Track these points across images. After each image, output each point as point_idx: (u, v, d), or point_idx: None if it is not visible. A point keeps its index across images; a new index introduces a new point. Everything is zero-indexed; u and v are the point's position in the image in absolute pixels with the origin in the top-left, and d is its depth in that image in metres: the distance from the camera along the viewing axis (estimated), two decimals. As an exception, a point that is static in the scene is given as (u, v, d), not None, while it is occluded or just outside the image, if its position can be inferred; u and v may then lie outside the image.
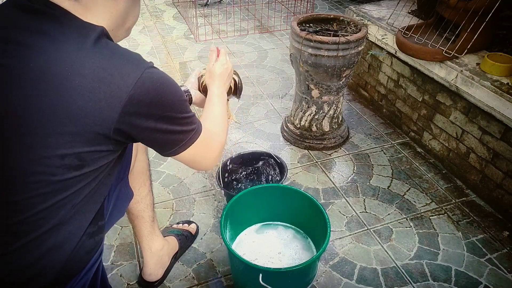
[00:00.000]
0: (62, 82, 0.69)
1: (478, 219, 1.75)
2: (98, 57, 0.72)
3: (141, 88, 0.73)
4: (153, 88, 0.75)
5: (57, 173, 0.73)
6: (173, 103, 0.80)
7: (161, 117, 0.78)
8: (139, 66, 0.74)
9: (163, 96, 0.77)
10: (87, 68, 0.70)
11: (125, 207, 1.16)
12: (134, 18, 0.87)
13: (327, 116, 2.09)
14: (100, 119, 0.71)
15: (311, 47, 1.81)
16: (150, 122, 0.77)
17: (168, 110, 0.78)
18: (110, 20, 0.80)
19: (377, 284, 1.47)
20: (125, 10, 0.82)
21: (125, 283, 1.47)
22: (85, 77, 0.70)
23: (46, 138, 0.70)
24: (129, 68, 0.73)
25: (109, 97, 0.70)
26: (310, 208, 1.41)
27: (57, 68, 0.69)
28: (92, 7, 0.76)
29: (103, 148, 0.76)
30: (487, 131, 1.75)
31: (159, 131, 0.79)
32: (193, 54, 3.18)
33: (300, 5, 4.00)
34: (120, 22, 0.83)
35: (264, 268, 1.23)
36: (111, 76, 0.71)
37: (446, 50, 1.80)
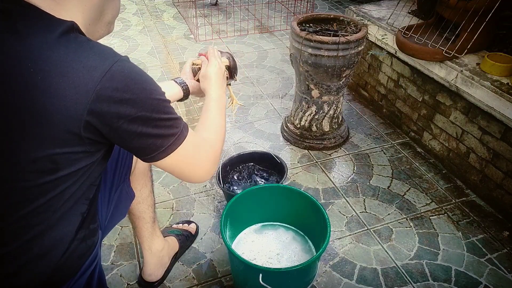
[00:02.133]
0: (26, 80, 0.65)
1: (478, 219, 1.75)
2: (63, 50, 0.66)
3: (110, 82, 0.67)
4: (124, 84, 0.68)
5: (31, 179, 0.69)
6: (149, 101, 0.72)
7: (134, 117, 0.70)
8: (108, 59, 0.68)
9: (136, 93, 0.69)
10: (49, 63, 0.65)
11: (126, 208, 1.16)
12: (113, 11, 0.82)
13: (327, 116, 2.09)
14: (67, 117, 0.66)
15: (311, 47, 1.81)
16: (123, 122, 0.70)
17: (143, 109, 0.71)
18: (84, 13, 0.74)
19: (377, 284, 1.47)
20: (100, 3, 0.77)
21: (125, 283, 1.47)
22: (48, 73, 0.65)
23: (14, 143, 0.67)
24: (96, 61, 0.67)
25: (74, 93, 0.65)
26: (310, 208, 1.41)
27: (20, 66, 0.65)
28: (64, 2, 0.71)
29: (78, 149, 0.71)
30: (487, 131, 1.75)
31: (133, 133, 0.72)
32: (193, 54, 3.18)
33: (300, 5, 4.00)
34: (96, 16, 0.77)
35: (264, 268, 1.23)
36: (76, 70, 0.65)
37: (446, 50, 1.80)
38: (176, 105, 2.51)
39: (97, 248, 0.92)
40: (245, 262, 1.20)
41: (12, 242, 0.74)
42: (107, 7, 0.79)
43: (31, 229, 0.74)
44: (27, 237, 0.75)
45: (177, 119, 0.79)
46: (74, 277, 0.85)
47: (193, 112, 2.46)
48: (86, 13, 0.75)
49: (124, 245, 1.62)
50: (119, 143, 0.75)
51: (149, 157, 0.78)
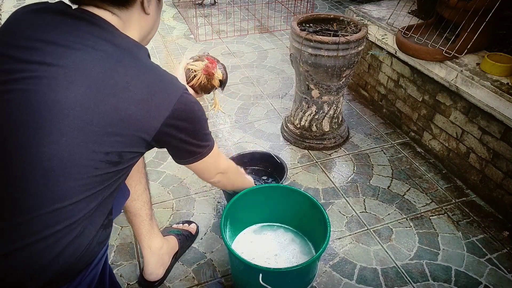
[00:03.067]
0: (122, 91, 0.78)
1: (478, 219, 1.75)
2: (152, 75, 0.83)
3: (180, 105, 0.84)
4: (189, 107, 0.87)
5: (100, 167, 0.79)
6: (201, 121, 0.93)
7: (191, 131, 0.91)
8: (178, 87, 0.86)
9: (195, 115, 0.90)
10: (143, 82, 0.80)
11: (121, 205, 1.18)
12: (155, 31, 0.97)
13: (327, 116, 2.09)
14: (146, 126, 0.81)
15: (311, 47, 1.81)
16: (183, 134, 0.89)
17: (197, 126, 0.92)
18: (140, 33, 0.90)
19: (377, 284, 1.47)
20: (152, 25, 0.93)
21: (125, 283, 1.47)
22: (141, 90, 0.79)
23: (99, 136, 0.77)
24: (173, 88, 0.85)
25: (156, 109, 0.81)
26: (310, 208, 1.41)
27: (119, 77, 0.78)
28: (129, 23, 0.87)
29: (140, 150, 0.85)
30: (487, 131, 1.75)
31: (186, 142, 0.92)
32: (193, 54, 3.17)
33: (300, 5, 4.00)
34: (146, 34, 0.93)
35: (264, 268, 1.22)
36: (161, 93, 0.82)
37: (446, 50, 1.80)
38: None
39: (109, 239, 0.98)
40: (245, 262, 1.20)
41: (64, 221, 0.79)
42: (154, 27, 0.95)
43: (80, 212, 0.81)
44: (75, 218, 0.80)
45: (210, 134, 1.01)
46: (90, 265, 0.89)
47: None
48: (142, 32, 0.91)
49: (124, 245, 1.62)
50: (171, 148, 0.94)
51: (188, 160, 1.00)
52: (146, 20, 0.90)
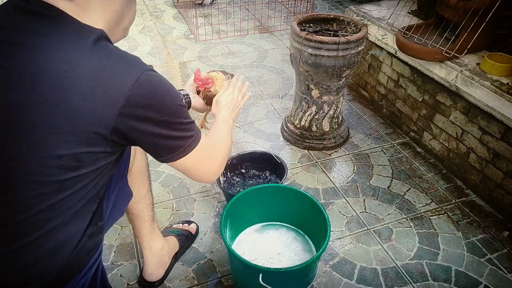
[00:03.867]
0: (61, 81, 0.69)
1: (478, 219, 1.75)
2: (97, 58, 0.72)
3: (139, 89, 0.72)
4: (151, 91, 0.74)
5: (54, 174, 0.73)
6: (172, 107, 0.79)
7: (159, 121, 0.77)
8: (138, 68, 0.74)
9: (162, 100, 0.76)
10: (85, 68, 0.70)
11: (124, 207, 1.17)
12: (130, 18, 0.87)
13: (327, 116, 2.09)
14: (97, 119, 0.71)
15: (311, 47, 1.81)
16: (148, 125, 0.76)
17: (166, 114, 0.78)
18: (105, 20, 0.79)
19: (377, 284, 1.47)
20: (120, 10, 0.81)
21: (125, 283, 1.47)
22: (83, 77, 0.69)
23: (44, 138, 0.70)
24: (128, 69, 0.73)
25: (106, 98, 0.70)
26: (310, 208, 1.41)
27: (56, 67, 0.69)
28: (88, 8, 0.76)
29: (101, 149, 0.75)
30: (487, 131, 1.75)
31: (157, 135, 0.79)
32: (193, 54, 3.18)
33: (300, 5, 4.00)
34: (116, 22, 0.82)
35: (264, 268, 1.22)
36: (109, 77, 0.71)
37: (446, 50, 1.80)
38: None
39: (102, 245, 0.94)
40: (245, 262, 1.20)
41: (31, 234, 0.76)
42: (126, 14, 0.84)
43: (48, 223, 0.77)
44: (44, 230, 0.77)
45: (193, 122, 0.86)
46: (80, 273, 0.86)
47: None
48: (107, 19, 0.80)
49: (124, 245, 1.62)
50: (142, 145, 0.82)
51: (168, 158, 0.85)
52: (110, 6, 0.79)
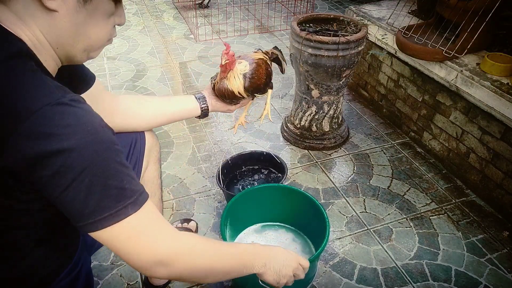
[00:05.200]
0: None
1: (478, 219, 1.75)
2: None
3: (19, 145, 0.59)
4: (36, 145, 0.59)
5: None
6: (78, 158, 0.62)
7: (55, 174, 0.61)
8: (39, 100, 0.60)
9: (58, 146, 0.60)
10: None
11: None
12: (91, 40, 0.73)
13: (327, 116, 2.09)
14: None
15: (311, 47, 1.81)
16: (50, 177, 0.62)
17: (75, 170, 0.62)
18: (49, 35, 0.69)
19: (377, 284, 1.47)
20: (70, 29, 0.69)
21: (125, 283, 1.47)
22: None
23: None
24: (16, 109, 0.59)
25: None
26: (310, 208, 1.41)
27: None
28: (24, 16, 0.66)
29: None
30: (487, 131, 1.75)
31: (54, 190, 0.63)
32: (193, 54, 3.18)
33: (300, 5, 4.00)
34: (66, 41, 0.71)
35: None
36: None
37: (446, 50, 1.80)
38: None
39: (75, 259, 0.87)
40: None
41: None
42: (82, 34, 0.71)
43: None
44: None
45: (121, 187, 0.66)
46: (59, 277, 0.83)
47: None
48: (52, 36, 0.69)
49: (124, 245, 1.61)
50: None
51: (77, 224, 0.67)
52: (54, 19, 0.67)
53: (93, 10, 0.69)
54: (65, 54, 0.74)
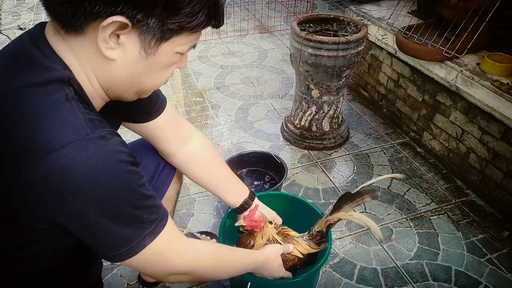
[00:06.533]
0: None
1: (478, 219, 1.75)
2: (24, 106, 0.59)
3: (40, 178, 0.58)
4: (61, 175, 0.58)
5: None
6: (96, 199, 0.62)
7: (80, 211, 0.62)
8: (64, 137, 0.58)
9: (74, 187, 0.59)
10: (10, 112, 0.59)
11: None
12: (146, 87, 0.72)
13: (327, 116, 2.09)
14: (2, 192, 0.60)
15: (311, 47, 1.81)
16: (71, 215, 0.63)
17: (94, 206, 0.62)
18: (101, 78, 0.67)
19: (377, 284, 1.47)
20: (126, 77, 0.67)
21: (125, 283, 1.47)
22: (6, 125, 0.59)
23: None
24: (44, 141, 0.57)
25: (9, 169, 0.58)
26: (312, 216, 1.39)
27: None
28: (80, 55, 0.64)
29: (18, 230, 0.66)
30: (487, 131, 1.75)
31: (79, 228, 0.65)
32: (193, 54, 3.18)
33: (300, 5, 4.00)
34: (118, 86, 0.69)
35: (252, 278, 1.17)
36: (23, 136, 0.58)
37: (446, 50, 1.80)
38: (176, 105, 2.51)
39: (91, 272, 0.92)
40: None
41: None
42: (134, 83, 0.70)
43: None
44: None
45: (140, 216, 0.68)
46: None
47: (192, 112, 2.46)
48: (102, 79, 0.68)
49: (124, 245, 1.61)
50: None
51: (104, 255, 0.70)
52: (110, 66, 0.65)
53: (156, 63, 0.67)
54: (115, 95, 0.72)
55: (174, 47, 0.66)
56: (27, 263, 0.74)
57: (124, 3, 0.57)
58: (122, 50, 0.63)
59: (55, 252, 0.76)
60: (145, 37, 0.62)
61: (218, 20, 0.66)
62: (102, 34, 0.60)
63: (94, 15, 0.58)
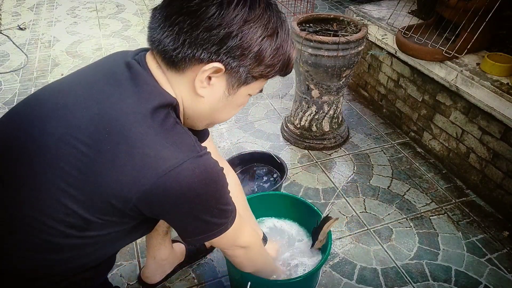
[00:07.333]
0: (98, 139, 0.68)
1: (478, 219, 1.75)
2: (144, 128, 0.69)
3: (162, 185, 0.68)
4: (177, 189, 0.69)
5: (56, 230, 0.73)
6: (204, 200, 0.75)
7: (184, 212, 0.75)
8: (169, 161, 0.68)
9: (187, 196, 0.71)
10: (126, 134, 0.68)
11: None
12: (217, 120, 0.85)
13: (327, 116, 2.09)
14: (118, 193, 0.68)
15: (311, 47, 1.81)
16: (171, 213, 0.75)
17: (196, 207, 0.75)
18: (187, 109, 0.79)
19: (377, 284, 1.47)
20: (207, 111, 0.80)
21: (125, 283, 1.47)
22: (120, 145, 0.68)
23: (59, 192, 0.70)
24: (168, 154, 0.69)
25: (133, 176, 0.67)
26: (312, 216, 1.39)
27: (103, 122, 0.69)
28: (176, 89, 0.75)
29: (115, 219, 0.74)
30: (487, 131, 1.75)
31: (180, 220, 0.78)
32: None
33: (300, 5, 4.00)
34: (198, 117, 0.81)
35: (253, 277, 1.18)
36: (145, 155, 0.68)
37: (446, 50, 1.80)
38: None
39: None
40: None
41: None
42: (216, 115, 0.82)
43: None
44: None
45: (227, 210, 0.82)
46: None
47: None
48: (187, 110, 0.79)
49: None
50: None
51: (190, 239, 0.83)
52: (197, 101, 0.77)
53: (232, 101, 0.79)
54: (190, 124, 0.84)
55: (248, 90, 0.79)
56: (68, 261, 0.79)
57: (224, 54, 0.70)
58: (211, 89, 0.75)
59: (96, 255, 0.83)
60: (232, 81, 0.75)
61: (288, 70, 0.81)
62: (201, 76, 0.72)
63: (199, 60, 0.70)
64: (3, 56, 3.09)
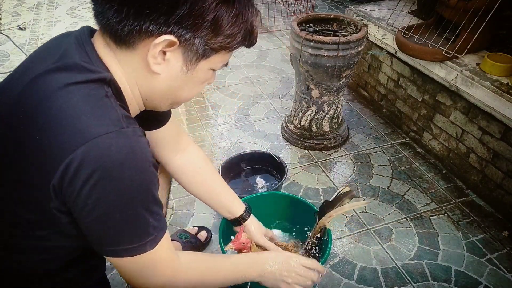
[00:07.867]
0: (32, 117, 0.63)
1: (478, 219, 1.75)
2: (64, 100, 0.62)
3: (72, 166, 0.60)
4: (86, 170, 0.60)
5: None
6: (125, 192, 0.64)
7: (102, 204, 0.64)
8: (88, 132, 0.61)
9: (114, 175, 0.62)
10: (42, 110, 0.62)
11: None
12: (180, 100, 0.79)
13: (327, 116, 2.09)
14: (40, 168, 0.62)
15: (311, 47, 1.81)
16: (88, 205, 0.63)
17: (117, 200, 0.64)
18: (142, 89, 0.73)
19: (377, 284, 1.47)
20: (165, 90, 0.74)
21: (125, 283, 1.47)
22: (48, 117, 0.62)
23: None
24: (79, 130, 0.61)
25: (49, 153, 0.61)
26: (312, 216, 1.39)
27: (27, 101, 0.64)
28: (128, 68, 0.70)
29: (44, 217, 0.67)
30: (487, 131, 1.75)
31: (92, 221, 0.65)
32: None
33: (300, 5, 4.00)
34: (157, 97, 0.76)
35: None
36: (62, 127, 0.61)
37: (446, 50, 1.80)
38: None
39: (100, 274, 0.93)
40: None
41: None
42: (171, 95, 0.76)
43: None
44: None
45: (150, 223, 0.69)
46: None
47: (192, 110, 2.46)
48: (144, 90, 0.74)
49: (124, 245, 1.61)
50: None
51: (100, 250, 0.70)
52: (153, 79, 0.71)
53: (192, 78, 0.73)
54: (152, 105, 0.79)
55: (210, 65, 0.73)
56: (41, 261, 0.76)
57: (174, 24, 0.63)
58: (167, 65, 0.69)
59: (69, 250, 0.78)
60: (188, 55, 0.68)
61: (251, 41, 0.74)
62: (153, 51, 0.66)
63: (148, 34, 0.64)
64: (3, 56, 3.09)
